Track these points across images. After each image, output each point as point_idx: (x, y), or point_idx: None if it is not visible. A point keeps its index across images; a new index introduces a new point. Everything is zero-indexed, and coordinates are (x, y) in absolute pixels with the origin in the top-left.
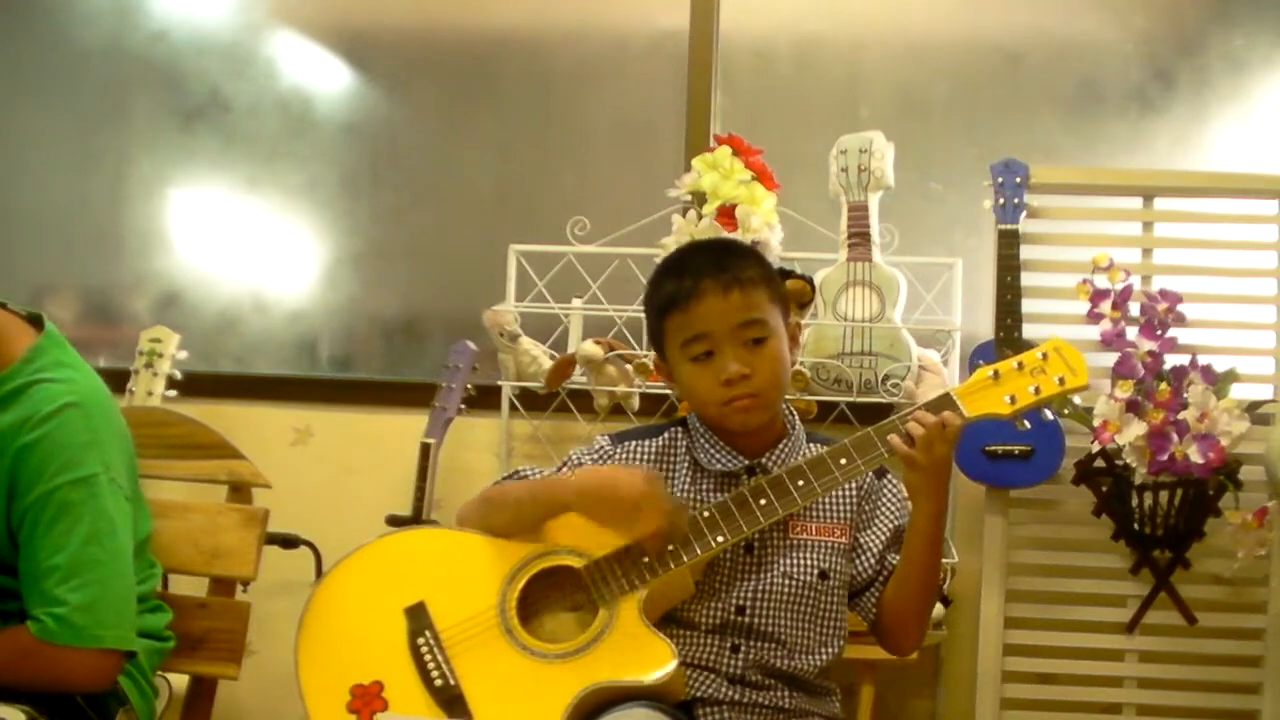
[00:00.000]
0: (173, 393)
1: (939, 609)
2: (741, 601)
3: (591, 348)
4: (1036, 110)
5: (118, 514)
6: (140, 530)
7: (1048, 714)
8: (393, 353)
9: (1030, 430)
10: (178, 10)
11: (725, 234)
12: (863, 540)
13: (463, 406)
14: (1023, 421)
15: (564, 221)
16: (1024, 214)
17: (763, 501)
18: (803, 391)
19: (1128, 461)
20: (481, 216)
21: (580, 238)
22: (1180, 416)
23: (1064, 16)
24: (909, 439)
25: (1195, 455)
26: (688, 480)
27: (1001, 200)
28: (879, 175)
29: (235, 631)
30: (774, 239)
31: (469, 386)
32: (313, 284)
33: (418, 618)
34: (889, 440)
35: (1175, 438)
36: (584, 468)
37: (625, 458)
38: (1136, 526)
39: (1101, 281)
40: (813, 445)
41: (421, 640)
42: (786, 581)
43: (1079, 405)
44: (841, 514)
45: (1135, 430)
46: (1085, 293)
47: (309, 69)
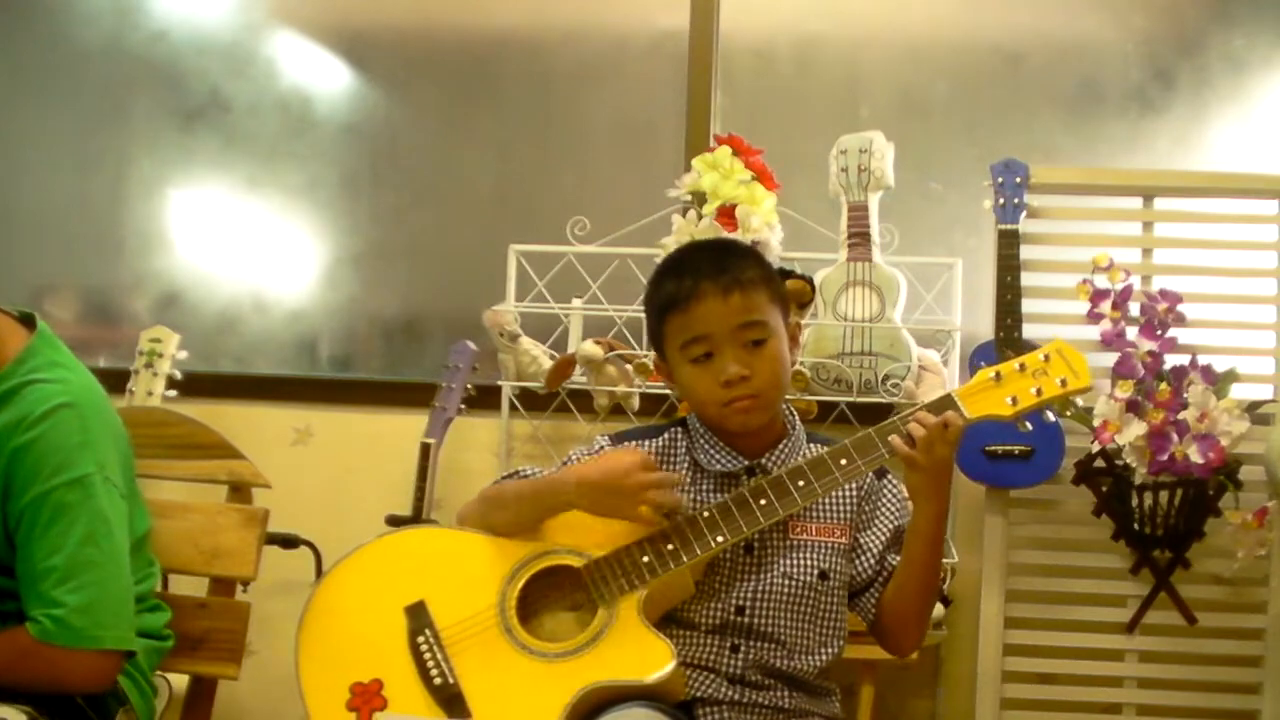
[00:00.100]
0: (173, 393)
1: (939, 609)
2: (741, 602)
3: (591, 348)
4: (1036, 110)
5: (114, 513)
6: (137, 528)
7: (1048, 714)
8: (393, 353)
9: (1031, 431)
10: (178, 10)
11: (725, 234)
12: (863, 541)
13: (463, 406)
14: (1024, 423)
15: (564, 221)
16: (1024, 214)
17: (763, 502)
18: (803, 391)
19: (1128, 461)
20: (481, 216)
21: (580, 238)
22: (1180, 416)
23: (1064, 17)
24: (910, 440)
25: (1195, 455)
26: (688, 480)
27: (1001, 200)
28: (879, 175)
29: (235, 631)
30: (774, 239)
31: (469, 386)
32: (313, 284)
33: (418, 616)
34: (890, 441)
35: (1175, 438)
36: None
37: None
38: (1136, 526)
39: (1101, 281)
40: (813, 446)
41: (421, 639)
42: (786, 582)
43: (1080, 406)
44: (842, 514)
45: (1135, 430)
46: (1085, 293)
47: (309, 69)
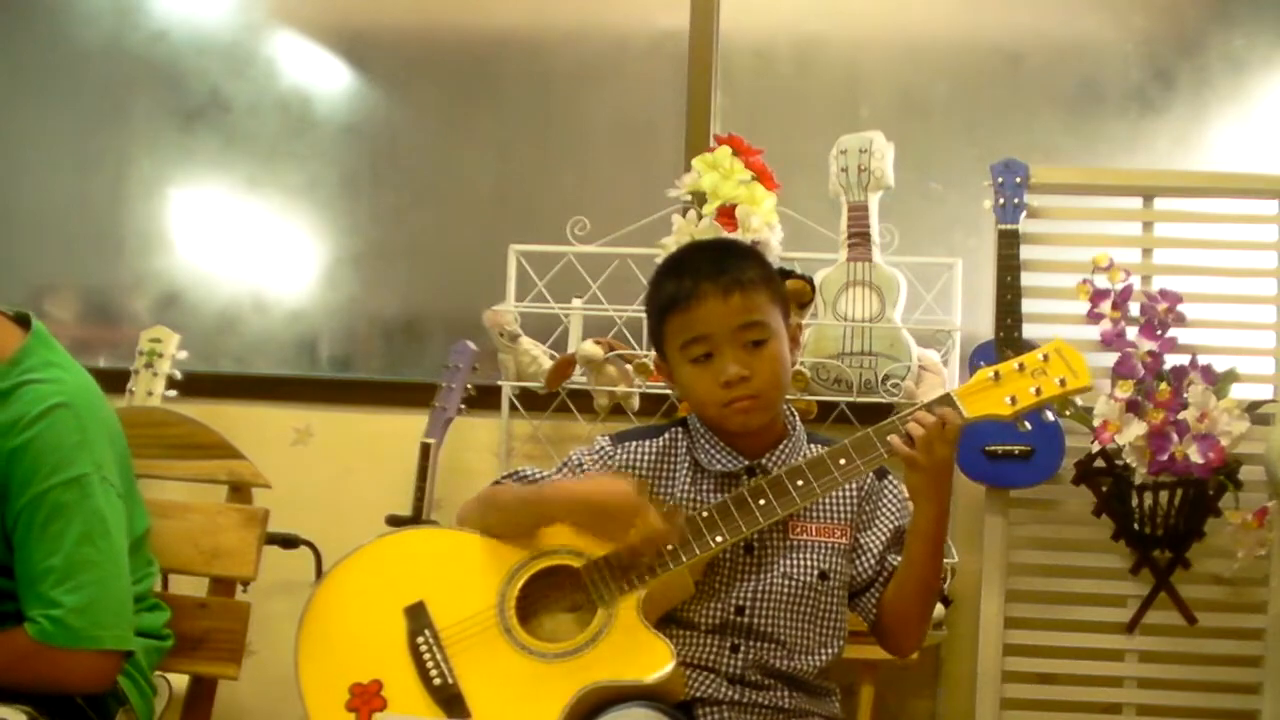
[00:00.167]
0: (173, 393)
1: (939, 609)
2: (741, 602)
3: (591, 348)
4: (1036, 110)
5: (111, 513)
6: (136, 527)
7: (1048, 714)
8: (393, 353)
9: (1030, 430)
10: (178, 10)
11: (725, 234)
12: (863, 541)
13: (463, 406)
14: (1024, 423)
15: (564, 221)
16: (1024, 214)
17: (762, 502)
18: (803, 391)
19: (1128, 461)
20: (481, 216)
21: (580, 238)
22: (1180, 416)
23: (1064, 17)
24: (909, 439)
25: (1195, 455)
26: (688, 481)
27: (1001, 200)
28: (879, 175)
29: (235, 631)
30: (774, 239)
31: (469, 386)
32: (313, 284)
33: (417, 617)
34: (889, 441)
35: (1175, 438)
36: (571, 479)
37: (625, 458)
38: (1136, 526)
39: (1101, 281)
40: (813, 446)
41: (421, 639)
42: (786, 582)
43: (1080, 406)
44: (842, 514)
45: (1135, 430)
46: (1085, 293)
47: (309, 69)
